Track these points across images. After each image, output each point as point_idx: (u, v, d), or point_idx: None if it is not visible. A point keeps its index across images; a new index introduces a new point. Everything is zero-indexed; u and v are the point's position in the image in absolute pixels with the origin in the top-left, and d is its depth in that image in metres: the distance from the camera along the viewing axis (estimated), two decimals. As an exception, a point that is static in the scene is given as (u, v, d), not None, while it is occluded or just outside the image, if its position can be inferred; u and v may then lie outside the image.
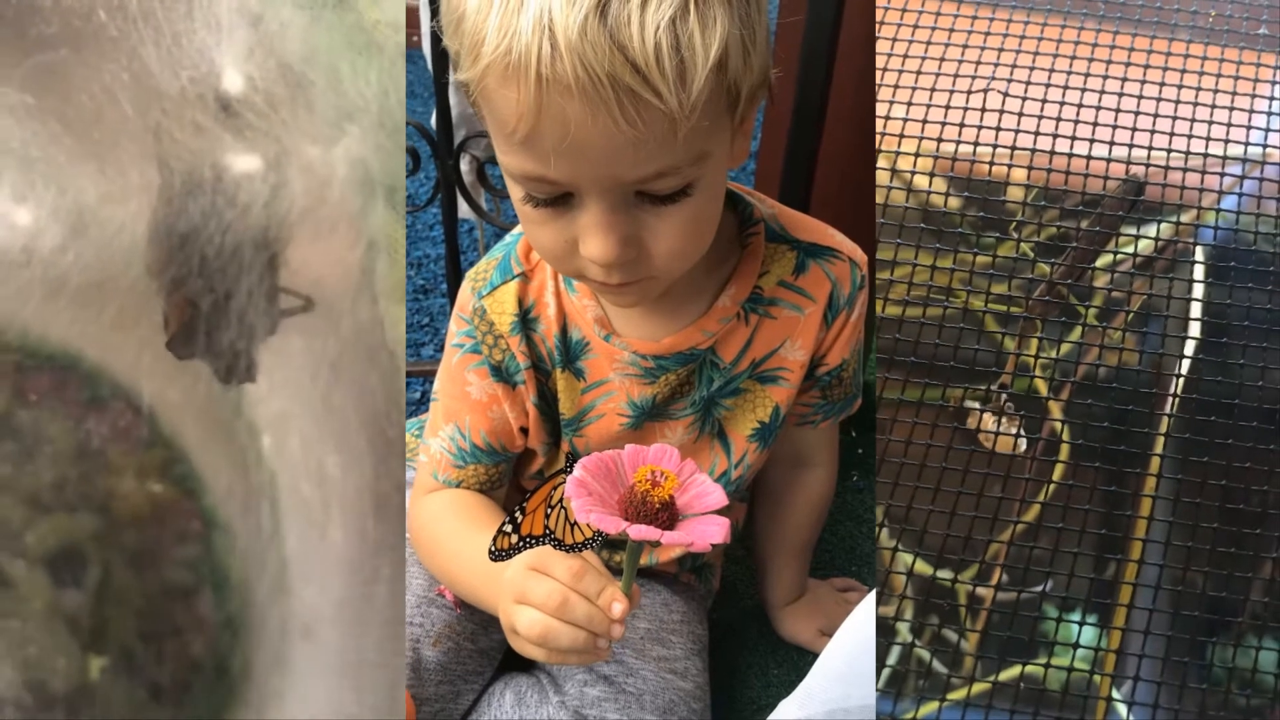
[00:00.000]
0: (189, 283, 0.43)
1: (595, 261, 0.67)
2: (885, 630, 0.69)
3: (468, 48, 0.60)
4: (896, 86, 0.81)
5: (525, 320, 0.81)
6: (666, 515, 0.58)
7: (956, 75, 0.81)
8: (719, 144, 0.65)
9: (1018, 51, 0.82)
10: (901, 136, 0.79)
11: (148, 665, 0.43)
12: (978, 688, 0.67)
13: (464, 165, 1.18)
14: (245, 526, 0.44)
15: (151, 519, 0.43)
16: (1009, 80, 0.81)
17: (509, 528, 0.73)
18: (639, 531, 0.56)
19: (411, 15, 0.90)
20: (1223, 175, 0.78)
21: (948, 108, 0.80)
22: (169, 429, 0.43)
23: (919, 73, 0.81)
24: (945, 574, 0.70)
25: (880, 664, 0.68)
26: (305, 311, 0.44)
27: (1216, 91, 0.81)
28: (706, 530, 0.57)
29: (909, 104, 0.80)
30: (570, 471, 0.59)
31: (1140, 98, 0.81)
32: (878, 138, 0.79)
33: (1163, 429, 0.72)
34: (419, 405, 1.37)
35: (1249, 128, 0.80)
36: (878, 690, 0.68)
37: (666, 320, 0.81)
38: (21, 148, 0.40)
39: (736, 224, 0.82)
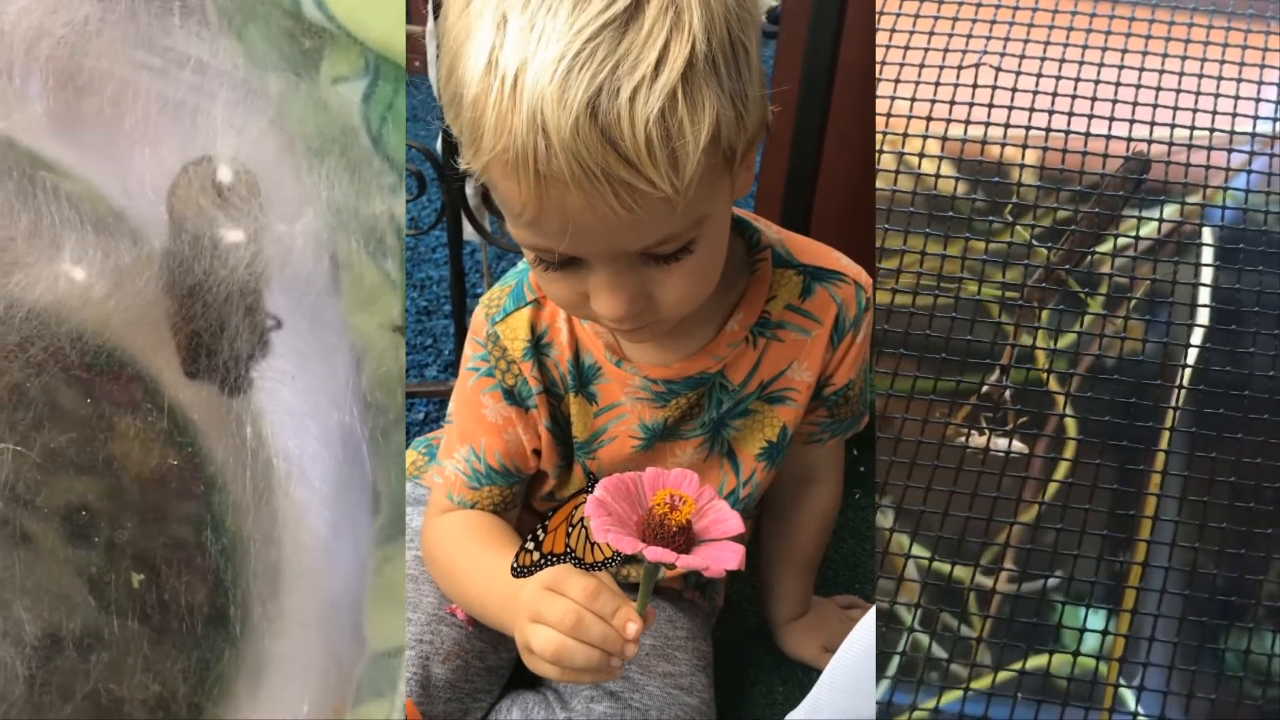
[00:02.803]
0: (195, 319, 0.58)
1: (606, 319, 0.69)
2: (884, 618, 0.68)
3: (468, 139, 0.62)
4: (885, 63, 0.78)
5: (538, 346, 0.83)
6: (683, 539, 0.59)
7: (947, 50, 0.78)
8: (718, 202, 0.66)
9: (1011, 23, 0.78)
10: (889, 116, 0.76)
11: (149, 594, 0.58)
12: (984, 678, 0.66)
13: (468, 188, 1.19)
14: (236, 487, 0.60)
15: (164, 484, 0.59)
16: (1002, 54, 0.77)
17: (531, 545, 0.74)
18: (655, 553, 0.57)
19: (415, 42, 0.92)
20: (1230, 154, 0.74)
21: (937, 84, 0.76)
22: (182, 419, 0.60)
23: (908, 48, 0.78)
24: (945, 564, 0.68)
25: (881, 652, 0.67)
26: (277, 329, 0.59)
27: (1223, 62, 0.76)
28: (722, 556, 0.59)
29: (897, 80, 0.77)
30: (591, 491, 0.60)
31: (1142, 69, 0.76)
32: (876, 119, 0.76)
33: (1169, 421, 0.69)
34: (423, 425, 1.38)
35: (1258, 100, 0.76)
36: (885, 679, 0.67)
37: (676, 346, 0.82)
38: (79, 223, 0.56)
39: (744, 250, 0.84)
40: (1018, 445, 0.71)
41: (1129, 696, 0.66)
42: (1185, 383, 0.70)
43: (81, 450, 0.57)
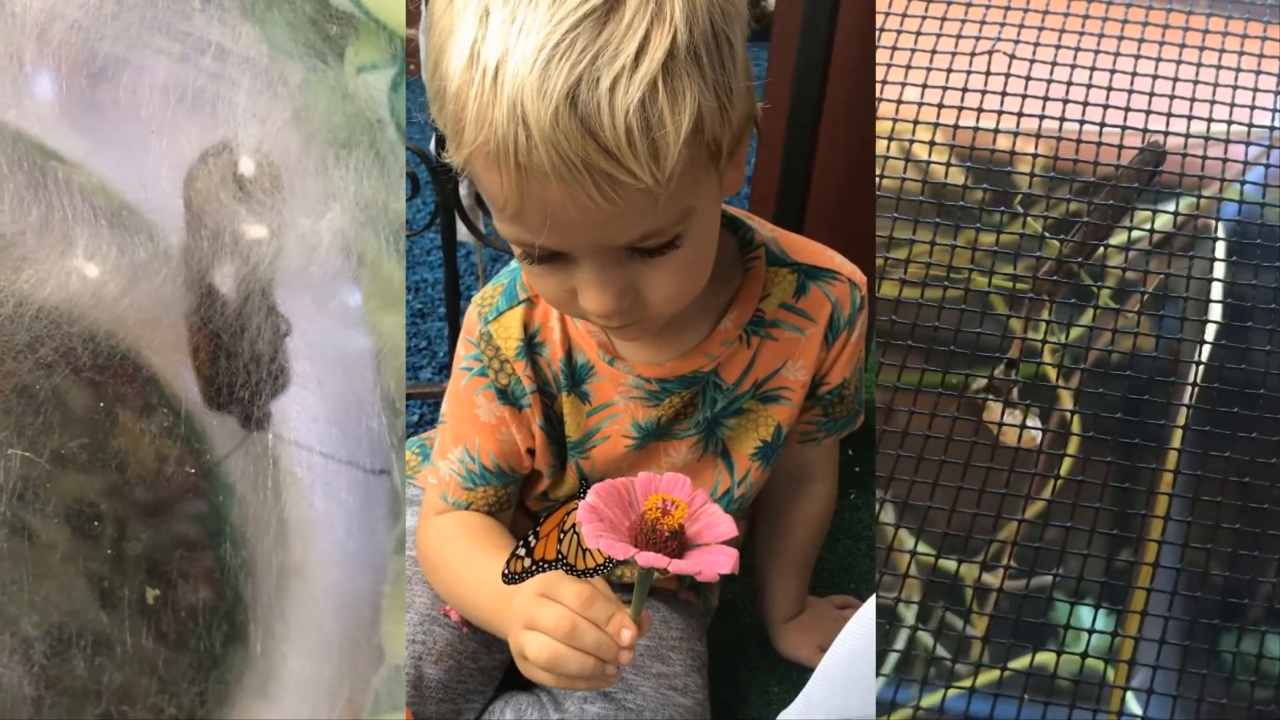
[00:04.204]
0: (214, 319, 0.56)
1: (593, 314, 0.69)
2: (886, 614, 0.67)
3: (451, 132, 0.62)
4: (895, 48, 0.77)
5: (531, 345, 0.83)
6: (676, 543, 0.59)
7: (959, 36, 0.77)
8: (704, 195, 0.66)
9: (1025, 10, 0.78)
10: (899, 103, 0.75)
11: (164, 609, 0.56)
12: (985, 676, 0.65)
13: (462, 189, 1.19)
14: (255, 497, 0.58)
15: (180, 493, 0.57)
16: (1016, 42, 0.76)
17: (522, 551, 0.74)
18: (647, 558, 0.57)
19: (411, 46, 0.92)
20: (1247, 148, 0.74)
21: (949, 70, 0.76)
22: (200, 425, 0.58)
23: (919, 33, 0.77)
24: (950, 561, 0.67)
25: (883, 649, 0.66)
26: (288, 335, 0.58)
27: (1241, 55, 0.76)
28: (715, 560, 0.58)
29: (908, 67, 0.76)
30: (584, 497, 0.60)
31: (1159, 59, 0.76)
32: (877, 104, 0.76)
33: (1181, 420, 0.68)
34: (417, 428, 1.37)
35: (1277, 93, 0.75)
36: (881, 676, 0.66)
37: (670, 344, 0.82)
38: (92, 217, 0.54)
39: (737, 248, 0.83)
40: (1035, 435, 0.70)
41: (1135, 699, 0.65)
42: (1198, 381, 0.69)
43: (93, 456, 0.55)
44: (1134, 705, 0.65)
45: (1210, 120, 0.74)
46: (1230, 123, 0.75)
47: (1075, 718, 0.65)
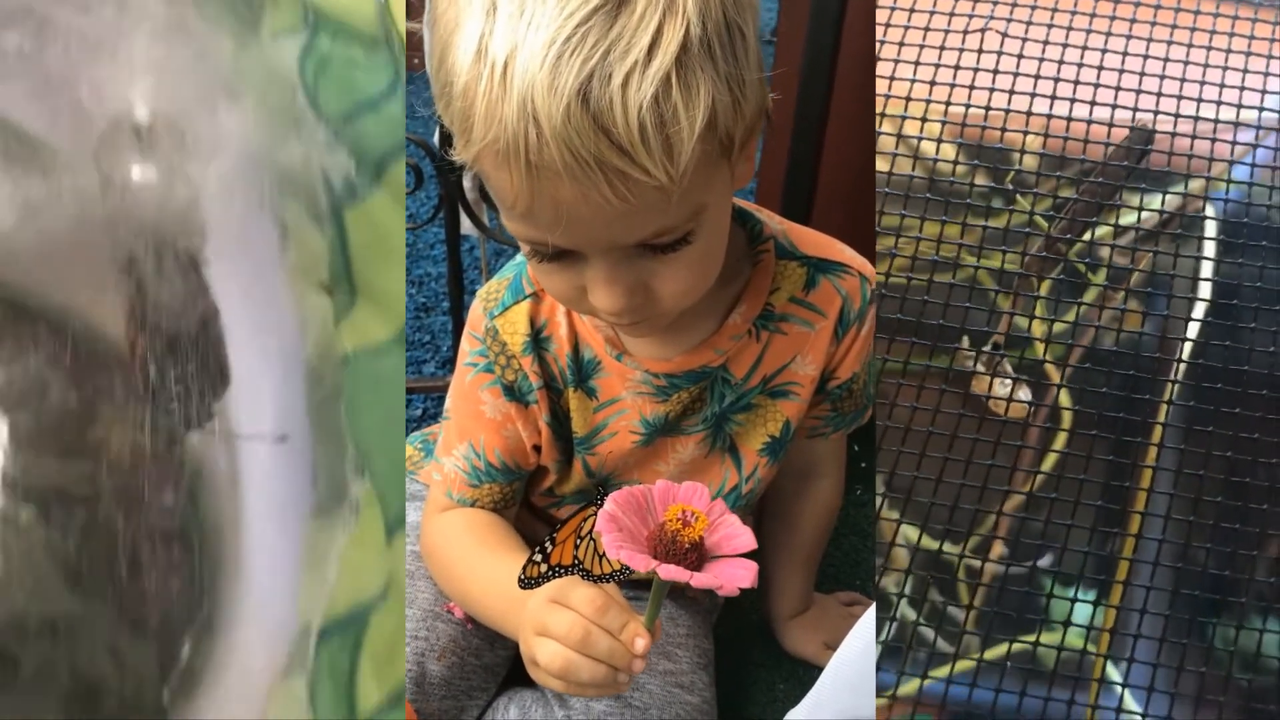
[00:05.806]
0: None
1: (604, 312, 0.68)
2: (879, 602, 0.67)
3: (459, 129, 0.61)
4: (888, 24, 0.77)
5: (537, 340, 0.82)
6: (695, 556, 0.58)
7: (952, 14, 0.77)
8: (716, 191, 0.65)
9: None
10: (892, 78, 0.75)
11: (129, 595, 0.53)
12: (965, 664, 0.66)
13: (467, 182, 1.18)
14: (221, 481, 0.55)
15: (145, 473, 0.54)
16: (1009, 20, 0.76)
17: (539, 557, 0.73)
18: (668, 572, 0.56)
19: (414, 39, 0.91)
20: (1235, 137, 0.74)
21: (942, 48, 0.76)
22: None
23: (912, 10, 0.77)
24: (933, 543, 0.68)
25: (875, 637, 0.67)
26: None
27: (1232, 35, 0.76)
28: (735, 574, 0.58)
29: (901, 43, 0.76)
30: (601, 504, 0.59)
31: (1150, 41, 0.76)
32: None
33: (1167, 396, 0.69)
34: (421, 421, 1.36)
35: (1266, 74, 0.75)
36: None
37: (678, 339, 0.81)
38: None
39: (746, 241, 0.82)
40: (1023, 395, 0.70)
41: (1117, 675, 0.66)
42: (1183, 357, 0.70)
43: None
44: (1116, 679, 0.66)
45: (1200, 101, 0.75)
46: (1220, 103, 0.75)
47: (1058, 696, 0.65)
